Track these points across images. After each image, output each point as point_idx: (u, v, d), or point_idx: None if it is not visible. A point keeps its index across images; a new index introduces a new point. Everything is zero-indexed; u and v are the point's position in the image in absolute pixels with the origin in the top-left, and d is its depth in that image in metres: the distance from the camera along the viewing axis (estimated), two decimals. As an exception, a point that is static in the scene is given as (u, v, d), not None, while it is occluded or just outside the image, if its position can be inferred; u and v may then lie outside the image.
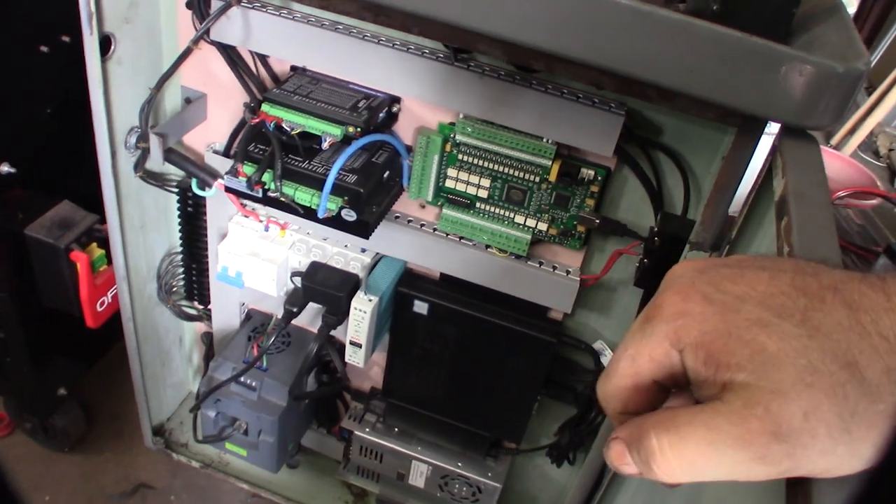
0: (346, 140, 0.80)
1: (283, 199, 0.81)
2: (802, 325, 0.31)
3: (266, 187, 0.82)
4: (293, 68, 0.87)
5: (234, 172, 0.82)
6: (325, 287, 0.91)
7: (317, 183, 0.80)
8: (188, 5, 0.86)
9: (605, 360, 0.93)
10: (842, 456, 0.30)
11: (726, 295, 0.33)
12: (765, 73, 0.56)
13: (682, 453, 0.31)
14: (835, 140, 1.90)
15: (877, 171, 1.87)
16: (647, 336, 0.35)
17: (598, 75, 0.64)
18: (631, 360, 0.35)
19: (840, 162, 1.61)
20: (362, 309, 0.90)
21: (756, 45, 0.55)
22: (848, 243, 1.32)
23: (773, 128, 0.62)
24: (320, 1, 0.70)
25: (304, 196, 0.80)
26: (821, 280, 0.33)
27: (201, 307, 1.14)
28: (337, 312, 0.93)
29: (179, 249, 1.08)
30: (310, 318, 1.04)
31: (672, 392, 0.37)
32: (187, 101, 0.94)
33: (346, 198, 0.80)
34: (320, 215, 0.80)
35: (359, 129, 0.79)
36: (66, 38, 0.97)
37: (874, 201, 1.66)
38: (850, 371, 0.30)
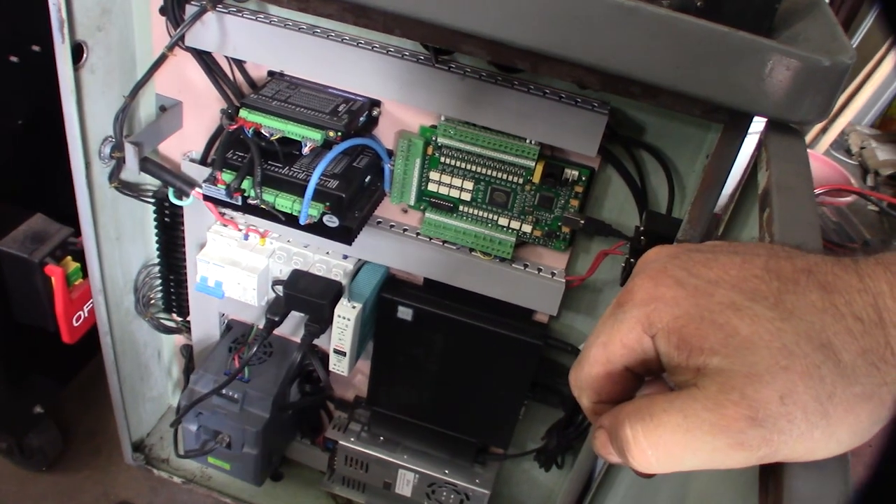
0: (327, 145, 0.79)
1: (263, 206, 0.79)
2: (776, 308, 0.31)
3: (245, 195, 0.80)
4: (270, 73, 0.86)
5: (212, 180, 0.80)
6: (307, 295, 0.90)
7: (298, 189, 0.78)
8: (162, 11, 0.84)
9: (591, 362, 0.93)
10: (818, 440, 0.29)
11: (699, 279, 0.33)
12: (751, 67, 0.56)
13: (657, 442, 0.31)
14: (807, 139, 1.92)
15: (849, 169, 1.90)
16: (619, 322, 0.34)
17: (582, 73, 0.64)
18: (602, 347, 0.35)
19: (814, 160, 1.62)
20: (346, 316, 0.89)
21: (742, 40, 0.55)
22: (825, 241, 1.33)
23: (759, 126, 0.62)
24: (299, 3, 0.69)
25: (284, 203, 0.79)
26: (794, 263, 0.32)
27: (180, 319, 1.12)
28: (320, 321, 0.92)
29: (157, 261, 1.06)
30: (291, 327, 1.03)
31: (646, 380, 0.36)
32: (162, 109, 0.93)
33: (327, 203, 0.79)
34: (302, 222, 0.78)
35: (339, 134, 0.78)
36: (36, 48, 0.95)
37: (849, 198, 1.68)
38: (825, 353, 0.29)
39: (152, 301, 1.09)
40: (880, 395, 0.29)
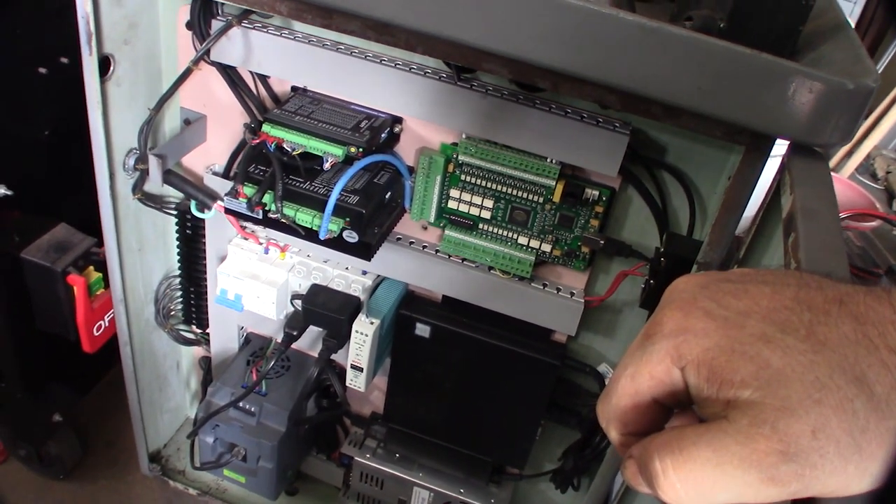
0: (348, 160, 0.79)
1: (283, 220, 0.80)
2: (808, 340, 0.30)
3: (266, 208, 0.81)
4: (294, 89, 0.87)
5: (233, 194, 0.81)
6: (325, 310, 0.90)
7: (318, 204, 0.79)
8: (188, 26, 0.85)
9: (609, 384, 0.92)
10: (852, 475, 0.29)
11: (729, 310, 0.32)
12: (774, 89, 0.55)
13: (687, 476, 0.30)
14: (832, 162, 1.90)
15: (875, 194, 1.87)
16: (648, 353, 0.34)
17: (603, 93, 0.63)
18: (630, 379, 0.34)
19: (838, 184, 1.60)
20: (364, 332, 0.89)
21: (765, 62, 0.54)
22: (849, 265, 1.32)
23: (781, 148, 0.62)
24: (322, 20, 0.69)
25: (305, 217, 0.79)
26: (825, 293, 0.32)
27: (199, 331, 1.12)
28: (338, 336, 0.92)
29: (177, 272, 1.07)
30: (309, 342, 1.03)
31: (675, 412, 0.36)
32: (186, 122, 0.94)
33: (347, 219, 0.79)
34: (322, 237, 0.79)
35: (361, 150, 0.79)
36: (64, 60, 0.97)
37: (874, 223, 1.65)
38: (858, 386, 0.29)
39: (172, 312, 1.09)
40: None
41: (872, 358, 0.29)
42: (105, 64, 0.82)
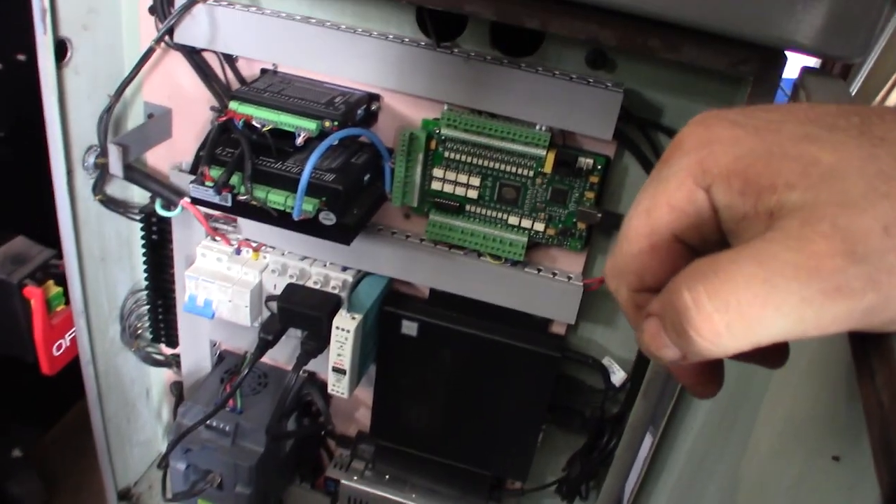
0: (322, 136, 0.74)
1: (254, 202, 0.73)
2: (862, 137, 0.24)
3: (235, 191, 0.74)
4: (263, 71, 0.81)
5: (199, 179, 0.75)
6: (302, 308, 0.83)
7: (291, 184, 0.72)
8: (151, 10, 0.80)
9: (614, 379, 0.85)
10: None
11: (760, 120, 0.26)
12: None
13: (727, 301, 0.23)
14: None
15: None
16: (664, 180, 0.27)
17: (596, 28, 0.59)
18: (646, 215, 0.28)
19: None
20: (345, 328, 0.82)
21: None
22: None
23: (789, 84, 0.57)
24: (289, -29, 0.65)
25: (277, 199, 0.73)
26: (872, 108, 0.26)
27: (170, 352, 1.04)
28: (317, 337, 0.85)
29: (145, 287, 1.00)
30: (288, 355, 0.95)
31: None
32: (150, 117, 0.88)
33: (323, 198, 0.73)
34: (296, 217, 0.72)
35: (336, 124, 0.73)
36: (21, 57, 0.91)
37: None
38: None
39: (139, 332, 1.02)
40: None
41: None
42: (62, 49, 0.77)
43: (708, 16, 0.52)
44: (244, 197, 0.73)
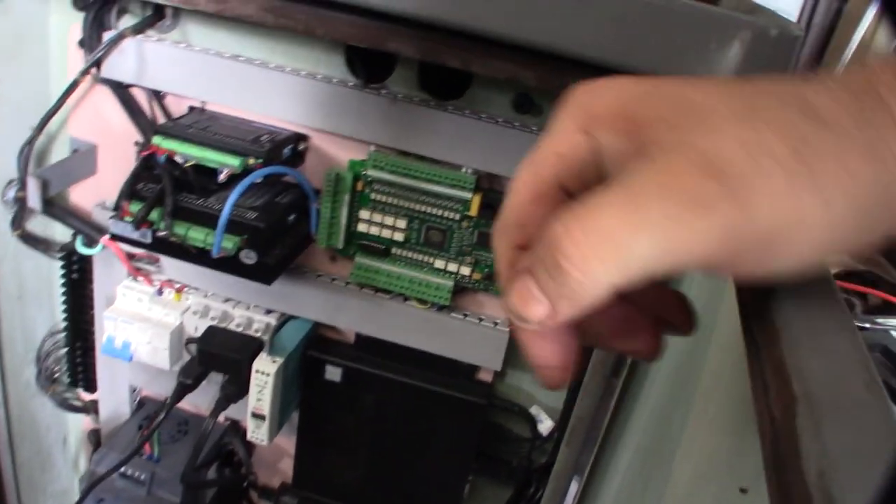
0: (246, 174, 0.73)
1: (173, 238, 0.72)
2: (736, 83, 0.26)
3: (155, 227, 0.73)
4: (191, 108, 0.81)
5: (118, 213, 0.73)
6: (222, 350, 0.81)
7: (212, 220, 0.71)
8: (81, 43, 0.79)
9: (542, 428, 0.84)
10: (805, 200, 0.23)
11: (646, 78, 0.28)
12: (700, 38, 0.52)
13: (598, 231, 0.24)
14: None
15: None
16: (549, 132, 0.29)
17: (517, 68, 0.59)
18: (532, 166, 0.29)
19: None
20: (265, 371, 0.80)
21: (691, 9, 0.51)
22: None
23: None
24: (216, 5, 0.64)
25: (196, 236, 0.71)
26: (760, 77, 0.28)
27: (88, 397, 1.00)
28: (238, 381, 0.82)
29: (63, 328, 0.96)
30: (210, 401, 0.91)
31: None
32: (75, 152, 0.86)
33: (244, 236, 0.71)
34: (215, 254, 0.70)
35: (260, 161, 0.72)
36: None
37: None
38: (801, 109, 0.23)
39: (56, 376, 0.98)
40: (877, 149, 0.22)
41: (822, 97, 0.23)
42: (-17, 78, 0.76)
43: (622, 57, 0.53)
44: (163, 233, 0.72)
